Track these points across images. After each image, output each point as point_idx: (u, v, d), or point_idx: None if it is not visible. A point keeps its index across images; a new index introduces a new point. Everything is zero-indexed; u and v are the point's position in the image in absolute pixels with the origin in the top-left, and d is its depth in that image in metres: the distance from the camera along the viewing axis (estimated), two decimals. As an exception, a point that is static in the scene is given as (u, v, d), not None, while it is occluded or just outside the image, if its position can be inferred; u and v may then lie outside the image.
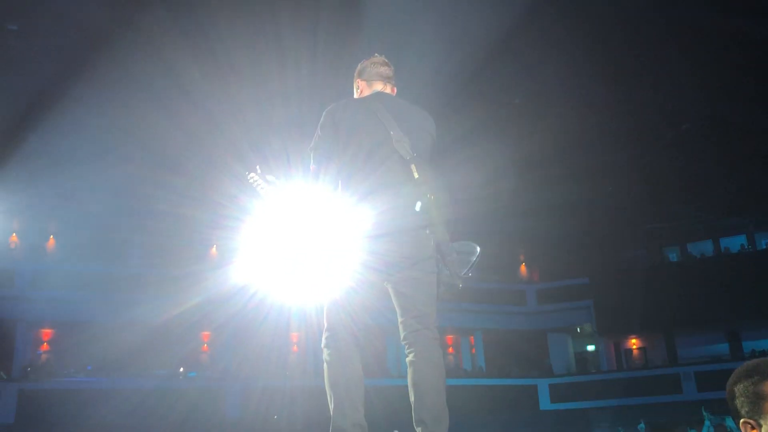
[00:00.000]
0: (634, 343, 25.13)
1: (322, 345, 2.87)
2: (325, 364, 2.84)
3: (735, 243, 24.03)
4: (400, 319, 2.90)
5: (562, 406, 22.22)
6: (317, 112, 3.13)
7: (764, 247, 23.79)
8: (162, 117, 13.37)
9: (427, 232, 2.88)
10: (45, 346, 20.42)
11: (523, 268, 26.56)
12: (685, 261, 24.46)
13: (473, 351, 25.16)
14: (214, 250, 20.73)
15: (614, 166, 17.00)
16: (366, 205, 2.84)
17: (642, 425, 17.11)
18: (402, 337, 2.88)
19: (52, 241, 21.25)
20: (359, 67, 3.28)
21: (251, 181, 3.13)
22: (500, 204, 18.03)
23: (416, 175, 2.84)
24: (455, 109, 13.42)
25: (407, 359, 2.84)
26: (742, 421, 1.72)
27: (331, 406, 2.77)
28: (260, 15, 11.76)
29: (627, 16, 13.00)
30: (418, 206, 2.84)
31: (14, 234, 20.69)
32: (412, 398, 2.78)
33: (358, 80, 3.26)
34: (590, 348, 25.94)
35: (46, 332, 20.46)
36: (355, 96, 3.26)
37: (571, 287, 24.53)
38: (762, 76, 14.54)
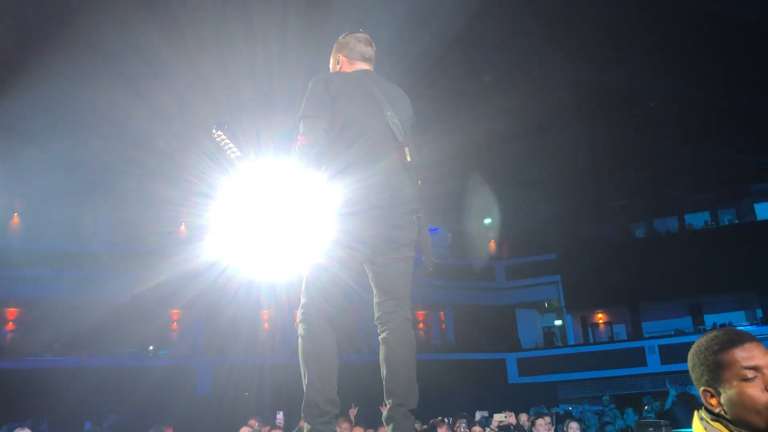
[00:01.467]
0: (600, 317, 25.64)
1: (298, 320, 2.88)
2: (300, 339, 2.85)
3: (699, 219, 24.53)
4: (375, 300, 2.94)
5: (529, 379, 22.63)
6: (286, 88, 3.11)
7: (726, 223, 24.33)
8: (129, 92, 13.11)
9: (414, 217, 2.92)
10: (11, 325, 20.09)
11: (492, 244, 26.83)
12: (650, 237, 24.91)
13: (443, 327, 25.44)
14: (183, 227, 20.53)
15: (581, 144, 17.16)
16: (354, 178, 2.80)
17: (606, 397, 17.52)
18: (376, 317, 2.92)
19: (16, 219, 20.82)
20: (341, 39, 3.19)
21: (218, 139, 3.01)
22: (469, 181, 18.14)
23: (409, 159, 2.85)
24: (426, 85, 13.39)
25: (380, 337, 2.89)
26: (702, 389, 1.78)
27: (305, 382, 2.79)
28: None
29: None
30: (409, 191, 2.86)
31: (-24, 212, 20.24)
32: (383, 373, 2.83)
33: (339, 54, 3.17)
34: (557, 323, 26.38)
35: (11, 311, 20.12)
36: (336, 67, 3.18)
37: (539, 263, 24.88)
38: (726, 55, 14.76)
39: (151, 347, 20.03)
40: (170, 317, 21.35)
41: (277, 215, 3.03)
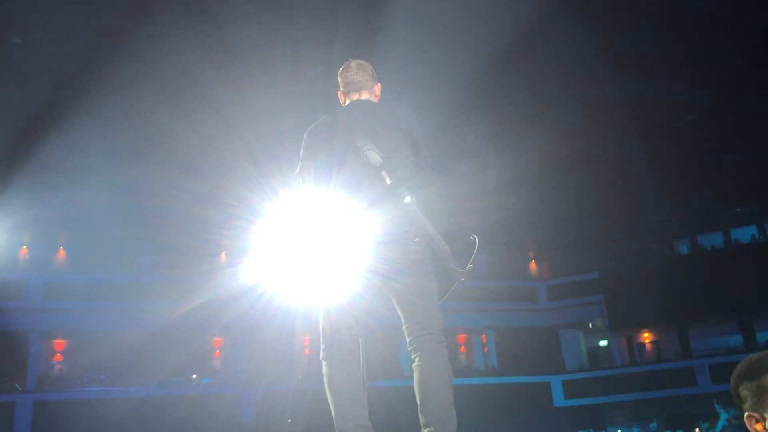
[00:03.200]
0: (646, 337, 25.03)
1: (321, 357, 2.90)
2: (324, 377, 2.87)
3: (745, 234, 23.89)
4: (404, 326, 2.90)
5: (575, 402, 22.15)
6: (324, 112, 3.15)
7: (774, 236, 23.66)
8: (177, 119, 13.46)
9: (412, 236, 2.85)
10: (58, 357, 20.52)
11: (533, 264, 26.50)
12: (695, 253, 24.34)
13: (485, 350, 25.12)
14: (223, 252, 20.78)
15: (621, 160, 16.94)
16: (349, 211, 2.85)
17: (653, 424, 17.00)
18: (408, 342, 2.88)
19: (62, 252, 21.36)
20: (337, 75, 3.27)
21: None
22: (510, 212, 17.99)
23: (388, 181, 2.83)
24: (465, 119, 13.47)
25: (413, 365, 2.84)
26: (746, 414, 1.71)
27: (333, 413, 2.80)
28: (276, 20, 11.83)
29: (629, 11, 12.98)
30: (400, 210, 2.82)
31: (24, 246, 20.81)
32: (418, 400, 2.79)
33: (339, 92, 3.27)
34: (602, 343, 25.83)
35: (59, 343, 20.56)
36: (342, 103, 3.27)
37: (581, 283, 24.46)
38: (764, 64, 14.47)
39: (194, 375, 20.21)
40: (213, 345, 21.55)
41: (311, 244, 3.06)
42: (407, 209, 2.81)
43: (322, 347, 2.90)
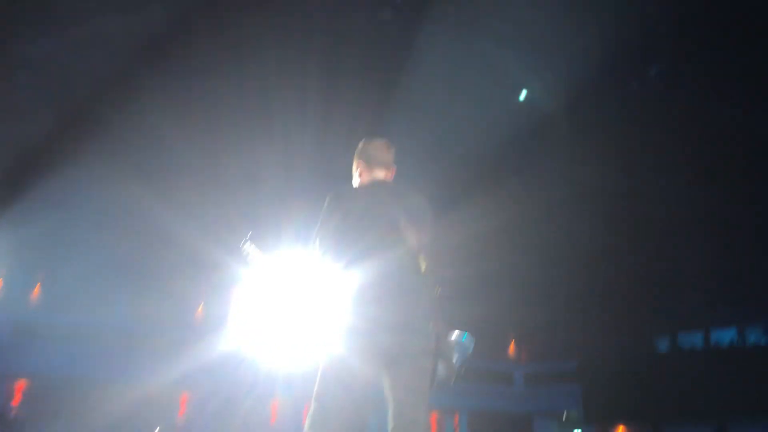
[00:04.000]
0: (621, 432, 24.60)
1: (306, 426, 2.84)
2: None
3: (725, 336, 23.87)
4: (391, 412, 2.86)
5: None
6: (306, 188, 3.20)
7: (753, 342, 23.64)
8: (153, 188, 13.52)
9: (431, 327, 2.89)
10: (17, 399, 19.84)
11: (512, 347, 26.27)
12: (674, 352, 24.24)
13: (457, 431, 24.58)
14: (200, 312, 20.50)
15: (607, 253, 17.04)
16: (366, 278, 2.86)
17: None
18: (390, 428, 2.84)
19: (37, 289, 20.97)
20: (361, 145, 3.33)
21: (245, 252, 3.17)
22: (491, 281, 17.99)
23: (423, 267, 2.89)
24: (447, 184, 13.61)
25: None
26: None
27: None
28: (256, 90, 12.04)
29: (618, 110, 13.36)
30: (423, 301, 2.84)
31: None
32: None
33: (359, 160, 3.30)
34: (577, 434, 25.35)
35: (20, 385, 19.92)
36: (354, 172, 3.30)
37: (559, 371, 24.20)
38: (748, 167, 14.79)
39: (157, 429, 19.57)
40: (178, 401, 20.98)
41: (295, 307, 3.05)
42: (432, 300, 2.88)
43: (309, 420, 2.84)
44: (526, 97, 12.36)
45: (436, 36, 11.79)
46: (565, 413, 25.20)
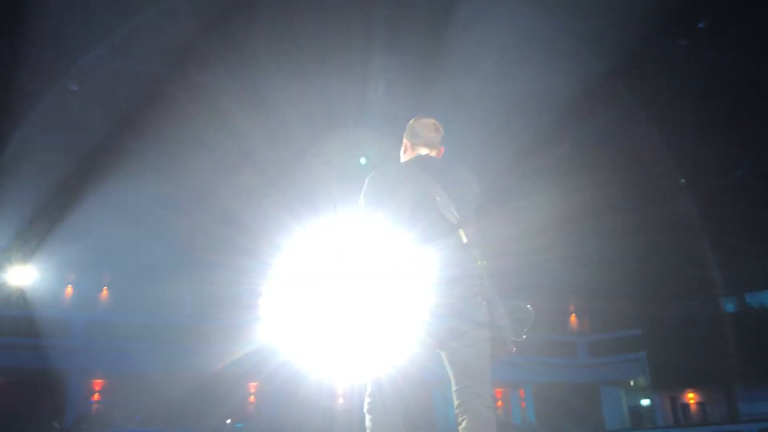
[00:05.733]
0: (691, 397, 24.15)
1: (365, 410, 2.90)
2: (367, 431, 2.87)
3: (794, 293, 23.13)
4: (454, 388, 2.90)
5: (617, 463, 21.38)
6: (363, 169, 3.20)
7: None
8: (216, 171, 13.78)
9: (479, 299, 2.88)
10: (96, 396, 20.72)
11: (573, 318, 25.99)
12: (743, 311, 23.58)
13: (523, 405, 24.54)
14: (263, 302, 20.89)
15: (667, 215, 16.66)
16: (413, 261, 2.85)
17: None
18: (456, 405, 2.88)
19: (105, 292, 21.76)
20: (410, 123, 3.30)
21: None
22: (549, 256, 17.79)
23: (465, 240, 2.86)
24: (505, 159, 13.47)
25: (460, 427, 2.84)
26: None
27: None
28: (312, 72, 12.12)
29: (678, 69, 12.97)
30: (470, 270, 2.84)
31: (69, 285, 21.27)
32: None
33: (406, 139, 3.27)
34: (645, 402, 24.99)
35: (98, 382, 20.78)
36: (401, 152, 3.29)
37: (623, 339, 23.84)
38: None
39: (228, 420, 20.15)
40: (248, 391, 21.51)
41: (352, 294, 3.08)
42: (479, 272, 2.86)
43: (367, 400, 2.90)
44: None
45: (483, 7, 11.64)
46: (632, 381, 24.86)
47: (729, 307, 24.30)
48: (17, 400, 18.98)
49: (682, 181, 16.55)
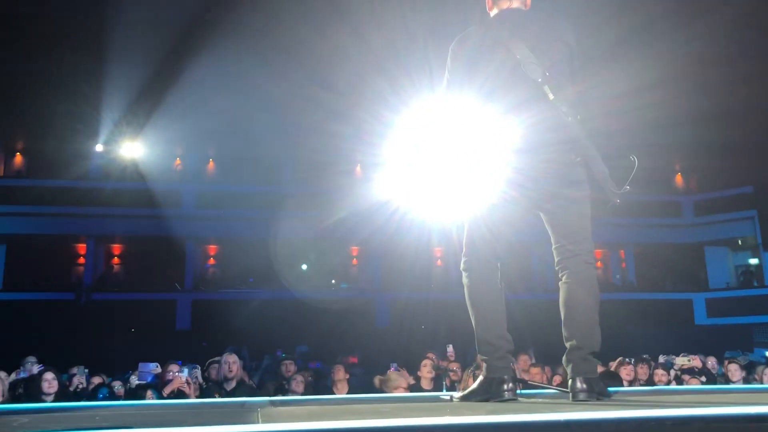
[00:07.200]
0: (804, 254, 23.22)
1: (461, 267, 2.93)
2: (465, 288, 2.91)
3: None
4: (554, 245, 2.89)
5: (720, 321, 21.19)
6: (459, 23, 3.04)
7: None
8: (312, 33, 13.63)
9: (573, 155, 2.79)
10: (211, 261, 22.26)
11: (678, 177, 25.04)
12: None
13: (623, 266, 24.42)
14: (358, 167, 21.26)
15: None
16: (506, 123, 2.77)
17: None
18: (556, 261, 2.88)
19: (211, 164, 22.75)
20: None
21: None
22: (656, 114, 16.90)
23: (551, 96, 2.72)
24: (612, 6, 12.57)
25: (560, 282, 2.86)
26: None
27: (474, 322, 2.87)
28: None
29: None
30: (559, 128, 2.73)
31: (178, 159, 22.32)
32: (562, 316, 2.82)
33: None
34: (753, 261, 24.27)
35: (212, 248, 22.25)
36: (488, 9, 3.09)
37: (732, 197, 22.84)
38: None
39: (333, 281, 21.27)
40: (350, 253, 22.44)
41: (448, 154, 3.05)
42: (572, 131, 2.74)
43: (464, 259, 2.93)
44: None
45: None
46: (740, 240, 24.06)
47: None
48: (141, 265, 20.67)
49: None
